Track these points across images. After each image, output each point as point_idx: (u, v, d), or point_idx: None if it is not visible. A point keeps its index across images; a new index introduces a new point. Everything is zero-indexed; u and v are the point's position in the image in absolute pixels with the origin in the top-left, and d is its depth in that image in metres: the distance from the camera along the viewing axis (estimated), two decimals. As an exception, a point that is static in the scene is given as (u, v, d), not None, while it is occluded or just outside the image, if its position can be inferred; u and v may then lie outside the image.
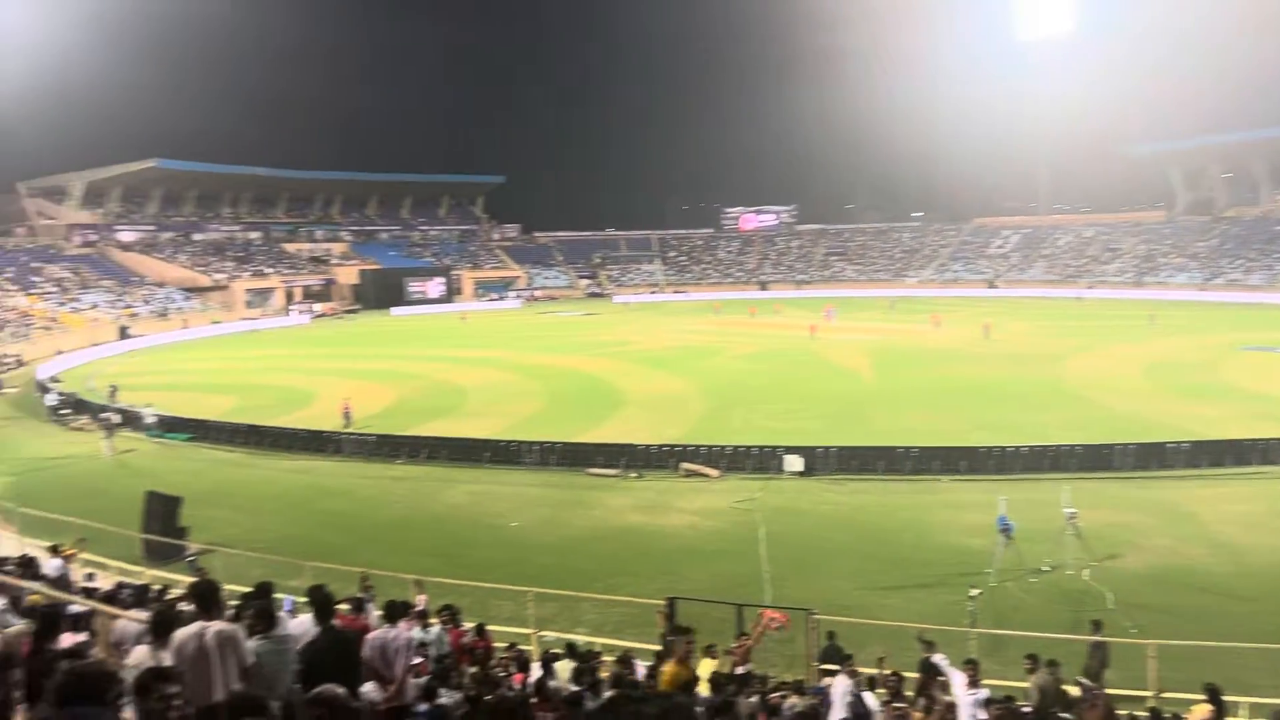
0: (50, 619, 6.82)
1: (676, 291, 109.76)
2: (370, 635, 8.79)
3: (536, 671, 10.56)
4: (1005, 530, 19.40)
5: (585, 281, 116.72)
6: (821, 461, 28.33)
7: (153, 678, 4.00)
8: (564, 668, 10.50)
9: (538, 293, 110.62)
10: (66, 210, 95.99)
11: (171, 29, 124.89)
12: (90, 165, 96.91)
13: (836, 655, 12.63)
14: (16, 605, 8.86)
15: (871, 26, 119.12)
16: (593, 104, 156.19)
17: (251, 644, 6.33)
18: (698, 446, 29.71)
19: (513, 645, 12.66)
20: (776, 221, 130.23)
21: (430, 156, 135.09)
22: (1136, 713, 11.35)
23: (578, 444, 30.86)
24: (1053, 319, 67.83)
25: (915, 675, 11.90)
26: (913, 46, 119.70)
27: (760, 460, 28.63)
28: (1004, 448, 27.99)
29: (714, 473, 28.27)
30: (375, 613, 11.05)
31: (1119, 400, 36.42)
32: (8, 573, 11.90)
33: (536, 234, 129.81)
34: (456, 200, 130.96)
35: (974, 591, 16.33)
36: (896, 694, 10.46)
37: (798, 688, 11.10)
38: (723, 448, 29.31)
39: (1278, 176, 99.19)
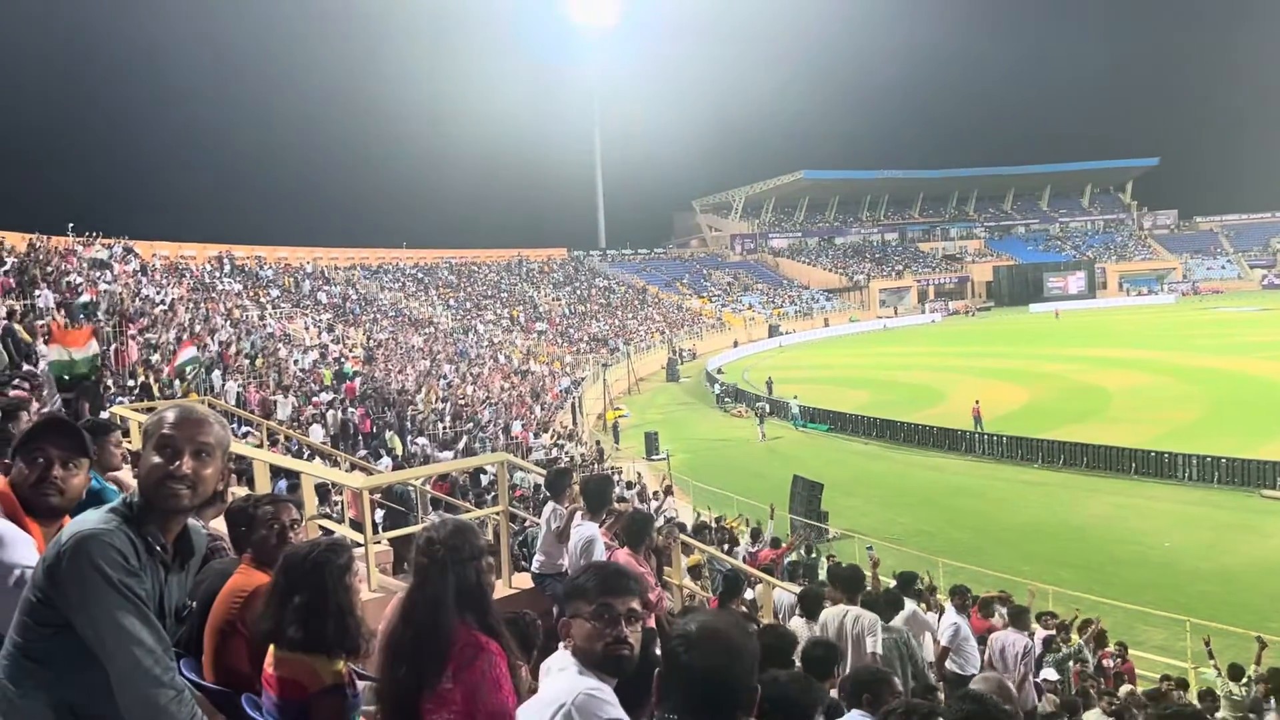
0: (733, 582, 7.99)
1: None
2: (991, 636, 8.74)
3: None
4: None
5: (1260, 271, 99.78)
6: None
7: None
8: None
9: (1199, 285, 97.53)
10: (729, 222, 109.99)
11: (814, 48, 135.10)
12: (748, 181, 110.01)
13: None
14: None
15: None
16: (1261, 79, 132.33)
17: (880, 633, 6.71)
18: None
19: (1165, 677, 11.47)
20: None
21: (1071, 144, 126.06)
22: None
23: (1248, 460, 26.57)
24: None
25: None
26: None
27: None
28: None
29: None
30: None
31: None
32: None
33: (1197, 219, 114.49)
34: (1101, 188, 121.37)
35: None
36: None
37: None
38: None
39: None
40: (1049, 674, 9.12)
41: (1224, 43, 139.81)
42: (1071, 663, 9.48)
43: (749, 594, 9.94)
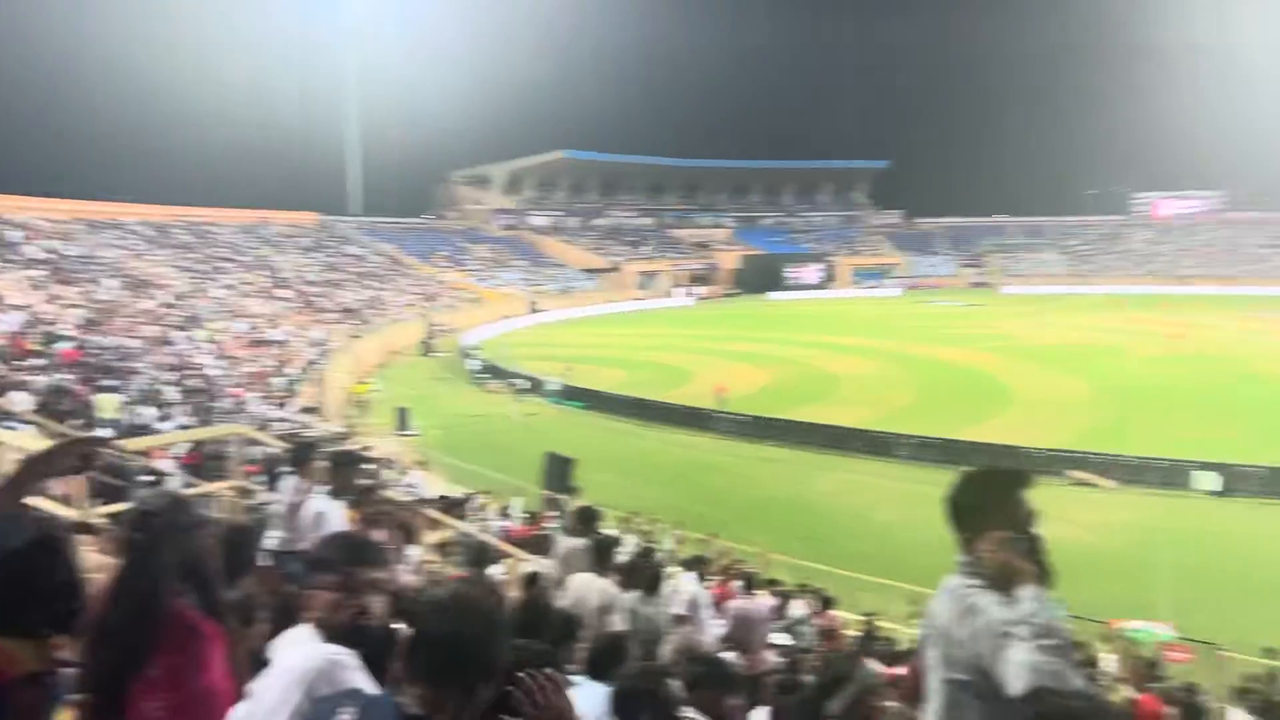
0: (479, 555, 7.85)
1: (1075, 283, 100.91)
2: (732, 604, 9.17)
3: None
4: None
5: (970, 270, 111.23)
6: (1242, 481, 24.83)
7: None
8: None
9: (919, 281, 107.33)
10: (491, 196, 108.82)
11: (576, 30, 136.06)
12: (511, 156, 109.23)
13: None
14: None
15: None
16: (982, 82, 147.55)
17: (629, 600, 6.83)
18: (1090, 453, 27.29)
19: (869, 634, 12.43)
20: (1200, 208, 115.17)
21: (814, 143, 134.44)
22: None
23: (955, 440, 29.57)
24: None
25: None
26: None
27: (1166, 475, 25.71)
28: None
29: (1108, 484, 25.81)
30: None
31: None
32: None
33: (919, 220, 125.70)
34: (838, 186, 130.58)
35: None
36: None
37: None
38: (1119, 457, 26.67)
39: None
40: (781, 638, 9.69)
41: (944, 54, 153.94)
42: (799, 626, 10.12)
43: (497, 569, 9.86)
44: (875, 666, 4.70)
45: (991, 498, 2.73)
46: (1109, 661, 11.34)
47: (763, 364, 48.53)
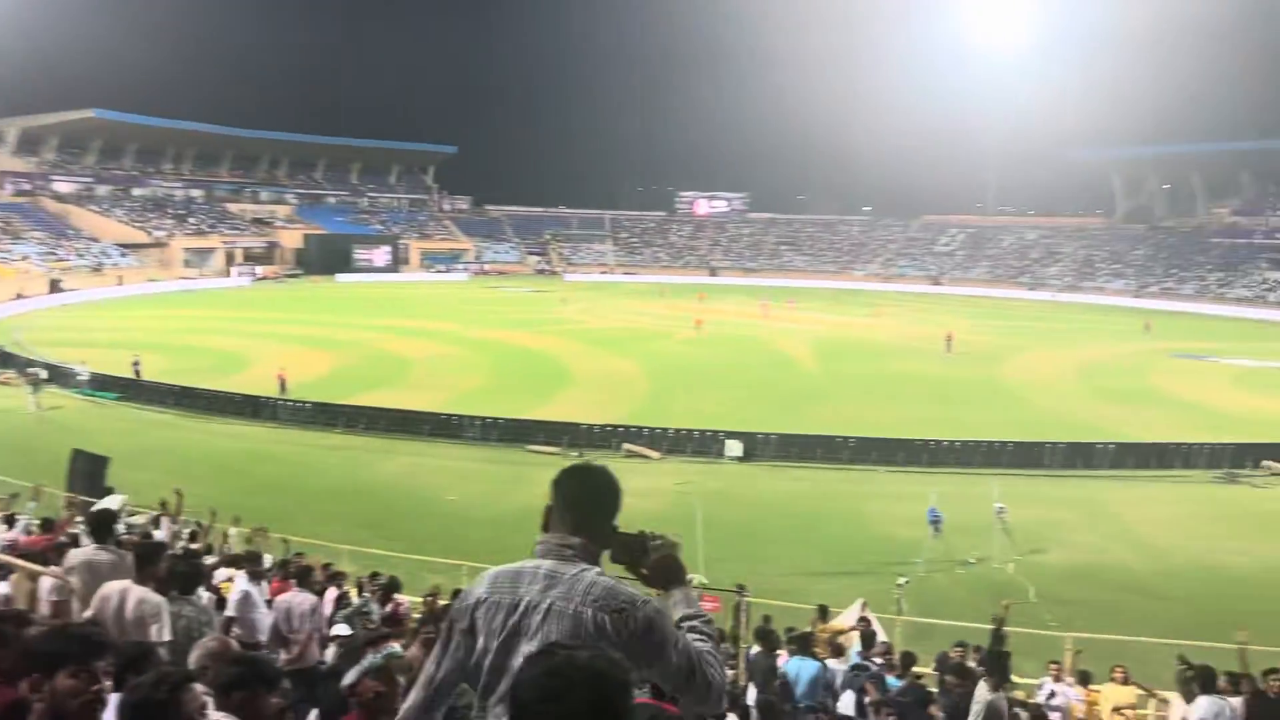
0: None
1: (627, 273, 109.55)
2: (277, 598, 8.77)
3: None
4: (935, 522, 19.81)
5: (535, 258, 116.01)
6: (762, 447, 28.62)
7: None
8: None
9: (487, 267, 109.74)
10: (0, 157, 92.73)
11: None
12: (27, 112, 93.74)
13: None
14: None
15: (834, 25, 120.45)
16: (550, 79, 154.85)
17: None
18: (640, 428, 29.78)
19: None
20: (729, 208, 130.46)
21: (382, 123, 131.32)
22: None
23: (520, 420, 30.73)
24: (997, 318, 68.97)
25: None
26: (871, 46, 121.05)
27: (701, 444, 28.81)
28: (939, 441, 28.56)
29: (655, 455, 28.36)
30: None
31: (1052, 401, 37.28)
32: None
33: (488, 207, 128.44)
34: (407, 168, 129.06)
35: (901, 580, 16.63)
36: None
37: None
38: (664, 430, 29.43)
39: (1214, 190, 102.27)
40: (341, 629, 9.39)
41: (515, 50, 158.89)
42: (358, 617, 9.89)
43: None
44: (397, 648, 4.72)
45: (607, 491, 2.81)
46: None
47: (328, 348, 46.71)
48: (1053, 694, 11.34)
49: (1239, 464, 27.69)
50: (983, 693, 8.34)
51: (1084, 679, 11.46)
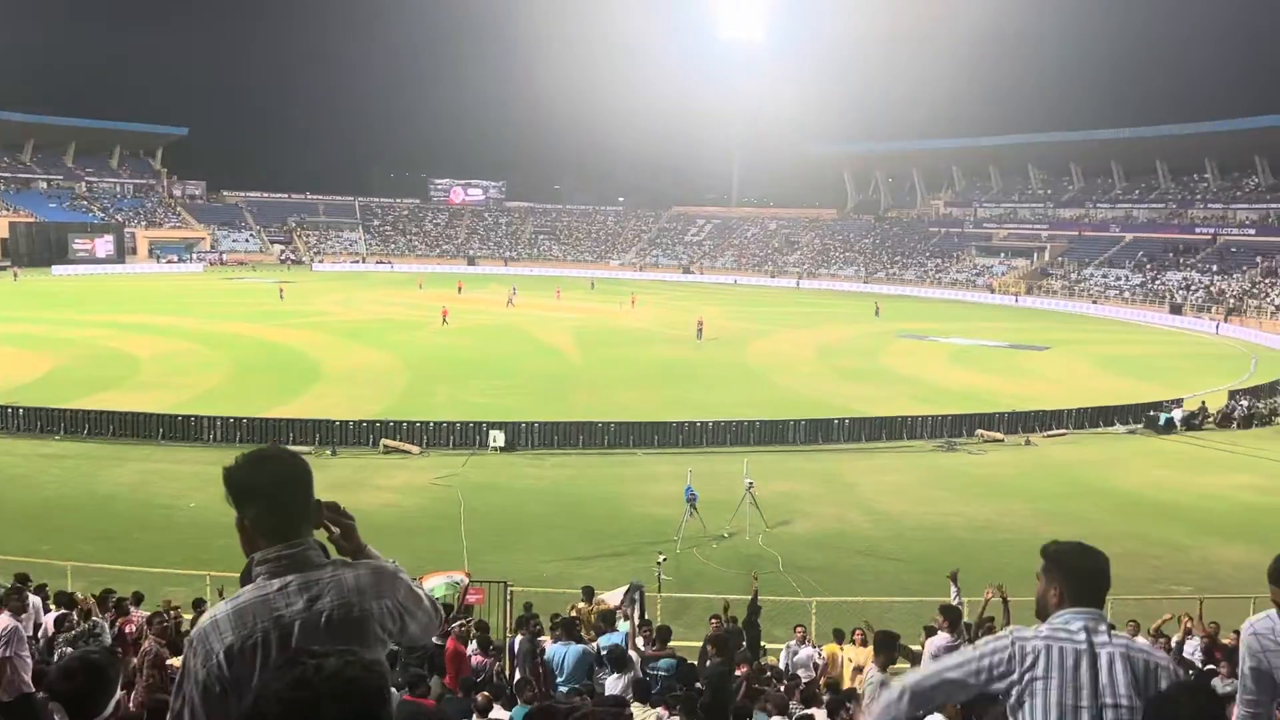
0: None
1: (380, 262, 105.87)
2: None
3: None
4: (691, 500, 20.63)
5: (280, 246, 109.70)
6: (524, 436, 28.71)
7: None
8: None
9: (225, 257, 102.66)
10: None
11: None
12: None
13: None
14: None
15: (585, 14, 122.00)
16: (291, 59, 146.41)
17: None
18: (398, 422, 29.03)
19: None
20: (485, 197, 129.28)
21: (100, 101, 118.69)
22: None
23: (267, 419, 29.08)
24: (743, 305, 72.69)
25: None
26: (623, 37, 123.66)
27: (463, 436, 28.49)
28: (692, 423, 29.87)
29: (415, 449, 27.75)
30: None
31: (795, 381, 39.83)
32: None
33: (225, 193, 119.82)
34: (132, 151, 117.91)
35: (661, 558, 17.24)
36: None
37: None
38: (424, 424, 28.85)
39: (931, 183, 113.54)
40: (67, 651, 8.61)
41: (255, 29, 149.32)
42: (85, 640, 9.09)
43: None
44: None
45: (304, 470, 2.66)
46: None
47: (43, 348, 42.08)
48: (796, 653, 12.31)
49: (956, 433, 30.90)
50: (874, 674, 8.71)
51: (838, 637, 12.44)
